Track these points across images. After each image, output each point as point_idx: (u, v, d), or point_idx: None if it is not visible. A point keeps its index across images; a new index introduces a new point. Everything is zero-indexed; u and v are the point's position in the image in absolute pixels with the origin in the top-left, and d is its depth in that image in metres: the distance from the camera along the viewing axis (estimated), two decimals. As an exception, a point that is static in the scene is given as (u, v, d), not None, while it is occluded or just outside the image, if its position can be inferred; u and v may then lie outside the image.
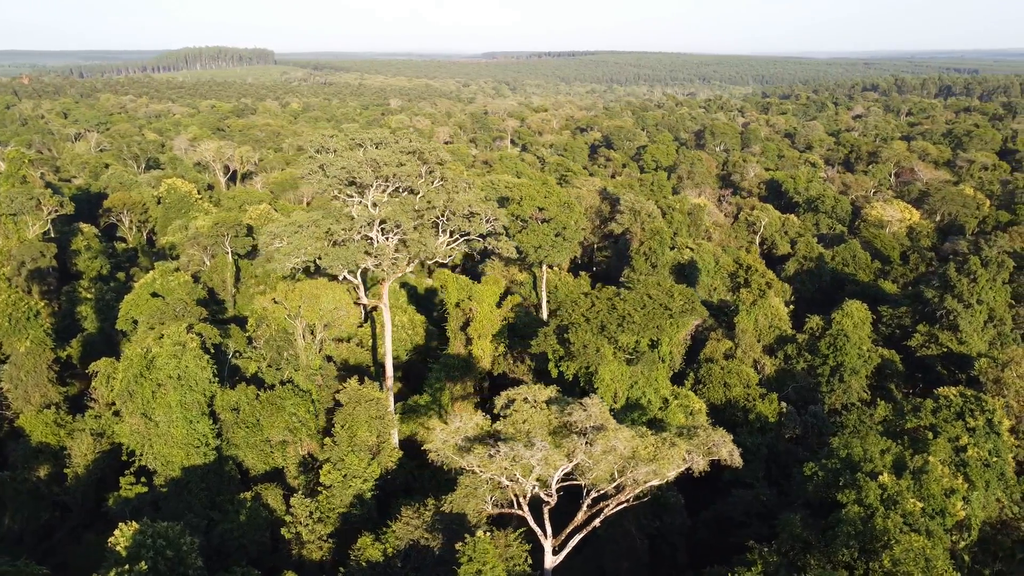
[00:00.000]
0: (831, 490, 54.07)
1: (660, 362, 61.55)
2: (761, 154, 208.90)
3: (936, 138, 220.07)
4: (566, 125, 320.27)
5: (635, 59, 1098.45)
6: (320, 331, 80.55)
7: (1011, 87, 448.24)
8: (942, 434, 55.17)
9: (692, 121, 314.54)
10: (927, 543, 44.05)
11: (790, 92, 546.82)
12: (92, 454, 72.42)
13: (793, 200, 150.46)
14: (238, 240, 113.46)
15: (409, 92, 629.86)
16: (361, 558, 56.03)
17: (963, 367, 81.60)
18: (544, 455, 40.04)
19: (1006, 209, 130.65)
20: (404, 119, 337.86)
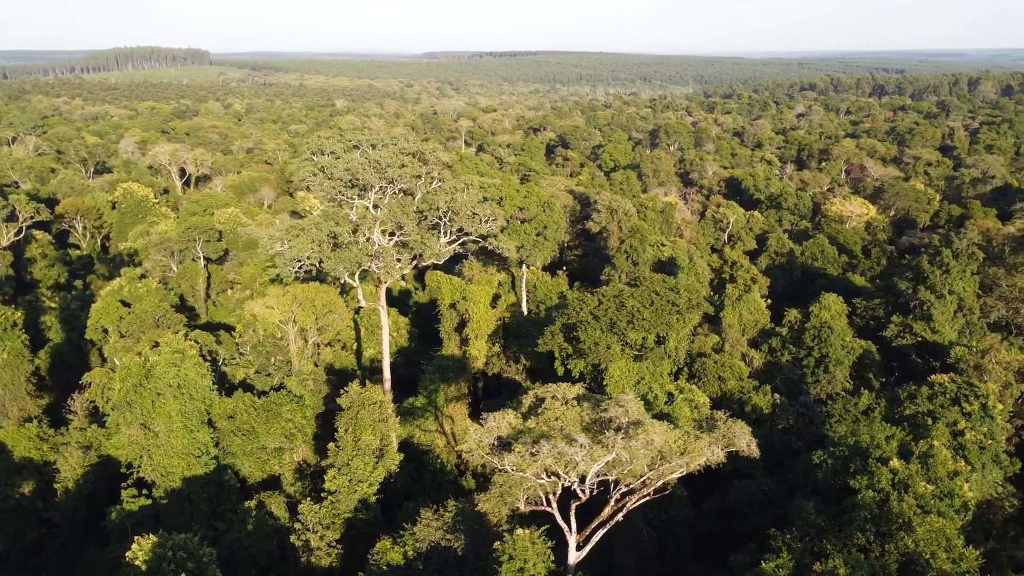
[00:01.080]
0: (840, 477, 56.02)
1: (666, 358, 62.74)
2: (715, 152, 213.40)
3: (880, 136, 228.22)
4: (518, 125, 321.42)
5: (577, 59, 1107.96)
6: (313, 335, 79.55)
7: (940, 86, 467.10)
8: (940, 419, 57.62)
9: (643, 120, 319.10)
10: (946, 524, 46.07)
11: (731, 92, 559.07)
12: (81, 468, 70.19)
13: (754, 197, 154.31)
14: (210, 245, 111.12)
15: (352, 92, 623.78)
16: (381, 562, 55.70)
17: (937, 355, 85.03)
18: (589, 451, 40.58)
19: (957, 203, 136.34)
20: (354, 120, 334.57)
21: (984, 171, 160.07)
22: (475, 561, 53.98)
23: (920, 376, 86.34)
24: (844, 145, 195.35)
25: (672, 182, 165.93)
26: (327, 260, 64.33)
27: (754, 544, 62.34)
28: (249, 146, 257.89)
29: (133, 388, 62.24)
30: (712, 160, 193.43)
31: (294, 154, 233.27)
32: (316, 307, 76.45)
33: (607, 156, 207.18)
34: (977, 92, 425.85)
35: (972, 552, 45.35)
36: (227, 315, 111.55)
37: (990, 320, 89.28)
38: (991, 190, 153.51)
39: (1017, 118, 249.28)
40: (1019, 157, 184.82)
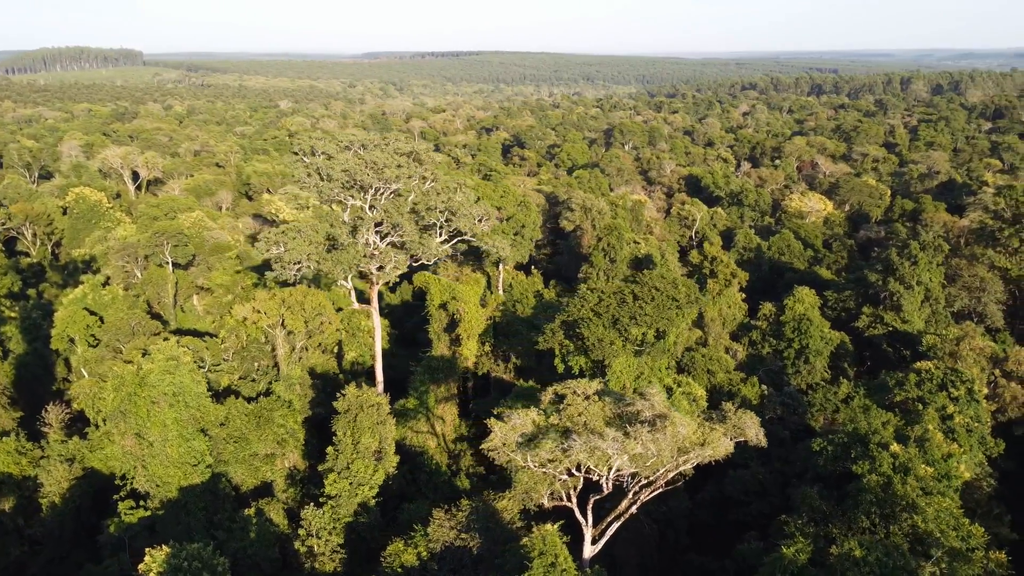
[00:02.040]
0: (840, 463, 57.95)
1: (666, 352, 63.93)
2: (670, 151, 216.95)
3: (827, 133, 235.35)
4: (470, 125, 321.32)
5: (519, 59, 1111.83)
6: (301, 339, 78.51)
7: (875, 85, 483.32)
8: (930, 404, 60.08)
9: (594, 120, 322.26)
10: (952, 503, 48.18)
11: (675, 91, 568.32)
12: (67, 481, 68.04)
13: (714, 194, 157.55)
14: (179, 249, 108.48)
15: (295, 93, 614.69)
16: (394, 564, 55.43)
17: (907, 344, 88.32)
18: (622, 444, 41.23)
19: (909, 198, 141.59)
20: (303, 121, 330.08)
21: (930, 167, 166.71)
22: (491, 559, 54.17)
23: (892, 365, 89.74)
24: (796, 143, 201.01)
25: (636, 180, 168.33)
26: (325, 262, 63.70)
27: (755, 531, 64.20)
28: (196, 148, 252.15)
29: (127, 397, 60.55)
30: (668, 158, 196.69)
31: (246, 156, 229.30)
32: (306, 310, 75.43)
33: (565, 155, 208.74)
34: (910, 91, 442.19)
35: (979, 529, 47.58)
36: (197, 321, 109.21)
37: (954, 309, 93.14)
38: (937, 185, 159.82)
39: (952, 116, 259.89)
40: (959, 153, 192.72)
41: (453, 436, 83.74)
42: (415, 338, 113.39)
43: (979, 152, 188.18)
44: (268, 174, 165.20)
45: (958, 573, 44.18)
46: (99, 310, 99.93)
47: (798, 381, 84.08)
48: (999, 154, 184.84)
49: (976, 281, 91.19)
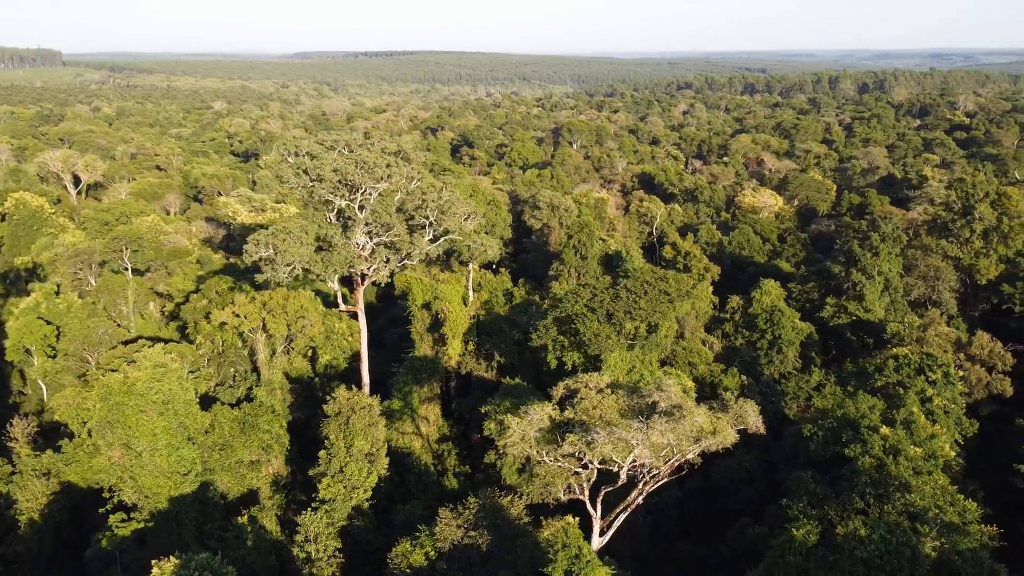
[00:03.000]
0: (830, 447, 60.08)
1: (658, 346, 65.15)
2: (619, 149, 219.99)
3: (768, 131, 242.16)
4: (414, 125, 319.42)
5: (455, 59, 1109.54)
6: (281, 342, 77.15)
7: (805, 85, 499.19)
8: (911, 388, 62.78)
9: (538, 119, 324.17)
10: (945, 480, 50.56)
11: (613, 91, 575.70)
12: (44, 497, 65.54)
13: (668, 191, 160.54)
14: (138, 255, 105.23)
15: (226, 94, 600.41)
16: (402, 565, 55.13)
17: (870, 333, 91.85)
18: (645, 435, 42.03)
19: (856, 192, 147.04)
20: (243, 123, 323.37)
21: (871, 163, 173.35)
22: (501, 556, 54.36)
23: (855, 353, 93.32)
24: (741, 140, 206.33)
25: (593, 178, 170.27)
26: (315, 264, 62.88)
27: (747, 517, 66.00)
28: (132, 151, 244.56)
29: (115, 407, 58.60)
30: (618, 156, 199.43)
31: (187, 159, 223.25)
32: (288, 313, 74.20)
33: (516, 154, 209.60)
34: (838, 90, 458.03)
35: (972, 504, 50.01)
36: (159, 329, 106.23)
37: (911, 298, 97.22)
38: (878, 180, 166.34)
39: (884, 114, 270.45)
40: (894, 149, 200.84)
41: (436, 436, 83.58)
42: (383, 340, 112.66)
43: (913, 148, 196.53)
44: (219, 176, 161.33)
45: (959, 545, 46.44)
46: (54, 319, 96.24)
47: (771, 371, 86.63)
48: (932, 149, 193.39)
49: (931, 270, 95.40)
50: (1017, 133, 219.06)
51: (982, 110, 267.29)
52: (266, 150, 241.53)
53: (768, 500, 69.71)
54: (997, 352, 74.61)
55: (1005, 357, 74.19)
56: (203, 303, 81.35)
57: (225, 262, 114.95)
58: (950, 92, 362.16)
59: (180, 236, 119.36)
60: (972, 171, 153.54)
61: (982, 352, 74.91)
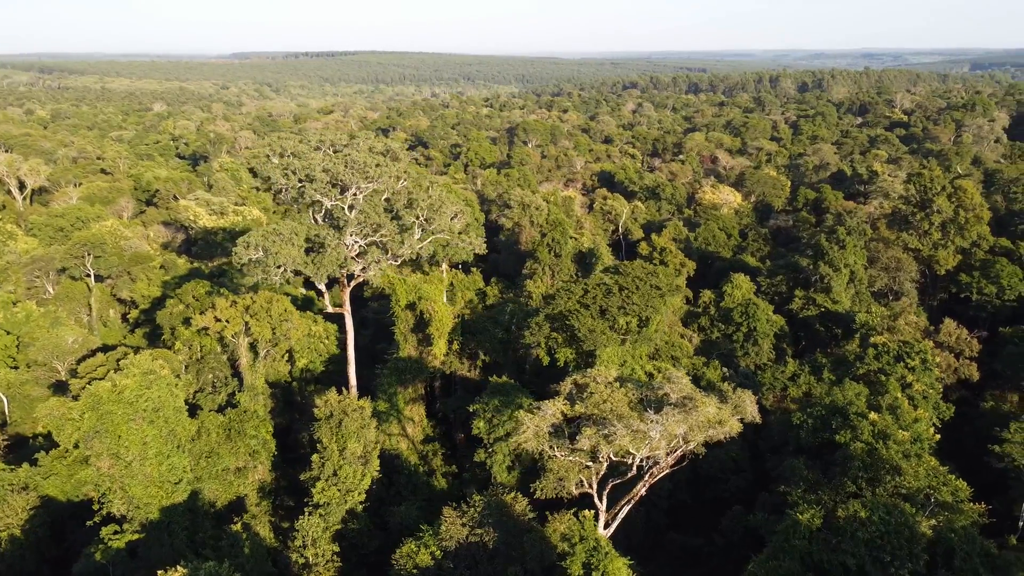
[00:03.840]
0: (819, 434, 61.89)
1: (650, 340, 66.14)
2: (574, 148, 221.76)
3: (719, 129, 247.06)
4: (364, 126, 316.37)
5: (398, 59, 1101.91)
6: (265, 347, 75.88)
7: (747, 84, 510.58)
8: (891, 375, 65.08)
9: (489, 119, 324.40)
10: (936, 462, 52.63)
11: (560, 90, 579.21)
12: (24, 512, 63.38)
13: (628, 189, 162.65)
14: (101, 261, 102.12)
15: (164, 96, 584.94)
16: (408, 565, 54.87)
17: (838, 323, 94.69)
18: (663, 427, 42.78)
19: (811, 188, 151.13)
20: (187, 124, 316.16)
21: (822, 159, 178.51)
22: (508, 552, 54.59)
23: (824, 343, 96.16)
24: (695, 138, 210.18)
25: (556, 177, 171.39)
26: (306, 265, 62.11)
27: (739, 506, 67.47)
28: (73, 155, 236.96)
29: (104, 415, 56.91)
30: (575, 155, 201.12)
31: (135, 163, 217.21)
32: (272, 317, 73.04)
33: (472, 154, 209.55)
34: (779, 89, 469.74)
35: (963, 484, 52.18)
36: (125, 336, 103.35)
37: (874, 289, 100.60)
38: (830, 176, 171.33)
39: (827, 111, 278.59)
40: (841, 146, 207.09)
41: (421, 437, 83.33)
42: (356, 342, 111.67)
43: (859, 145, 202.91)
44: (173, 180, 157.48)
45: (956, 523, 48.45)
46: (13, 329, 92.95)
47: (747, 362, 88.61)
48: (877, 146, 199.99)
49: (893, 262, 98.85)
50: (953, 129, 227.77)
51: (919, 108, 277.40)
52: (216, 152, 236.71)
53: (756, 489, 71.64)
54: (964, 338, 77.86)
55: (972, 343, 77.45)
56: (179, 308, 79.48)
57: (190, 266, 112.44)
58: (886, 91, 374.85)
59: (140, 241, 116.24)
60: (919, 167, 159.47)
61: (950, 339, 78.04)
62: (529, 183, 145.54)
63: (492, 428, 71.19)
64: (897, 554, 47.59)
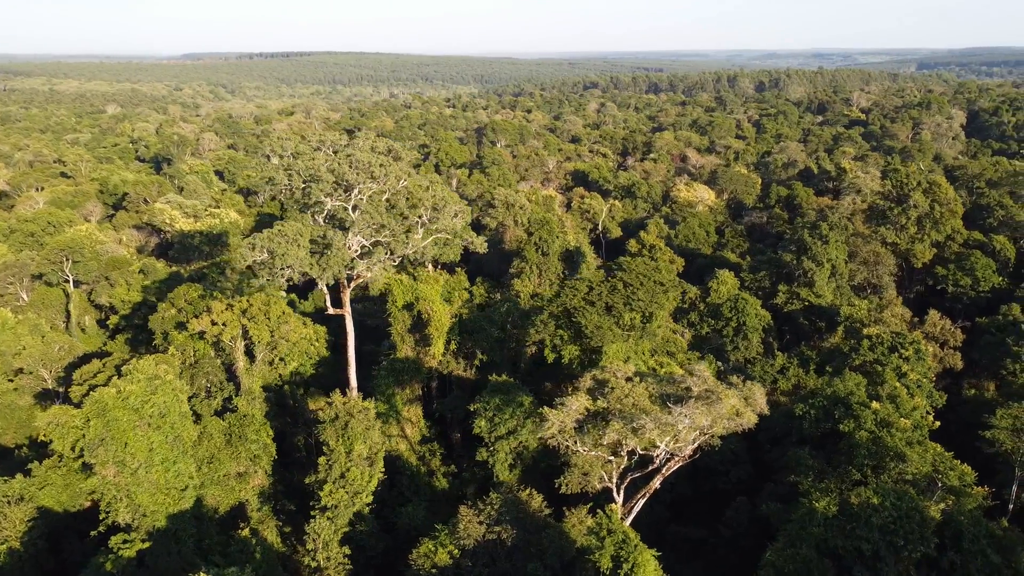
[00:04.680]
0: (822, 424, 63.33)
1: (653, 335, 66.95)
2: (544, 147, 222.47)
3: (685, 128, 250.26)
4: (329, 127, 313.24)
5: (355, 59, 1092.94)
6: (262, 350, 74.89)
7: (706, 84, 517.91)
8: (887, 365, 66.87)
9: (454, 119, 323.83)
10: (941, 448, 54.31)
11: (521, 90, 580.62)
12: (23, 524, 61.68)
13: (603, 188, 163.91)
14: (80, 266, 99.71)
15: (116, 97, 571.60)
16: (426, 565, 54.83)
17: (821, 316, 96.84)
18: (691, 419, 43.47)
19: (783, 185, 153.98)
20: (147, 126, 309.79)
21: (790, 157, 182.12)
22: (526, 548, 54.85)
23: (808, 336, 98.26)
24: (665, 137, 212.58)
25: (532, 176, 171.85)
26: (313, 267, 61.55)
27: (743, 497, 68.65)
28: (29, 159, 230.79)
29: (112, 422, 55.69)
30: (547, 155, 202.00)
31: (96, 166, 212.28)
32: (271, 319, 72.20)
33: (443, 155, 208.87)
34: (737, 88, 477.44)
35: (967, 468, 53.93)
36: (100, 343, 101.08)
37: (854, 283, 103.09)
38: (798, 173, 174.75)
39: (789, 110, 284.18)
40: (807, 144, 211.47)
41: (418, 438, 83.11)
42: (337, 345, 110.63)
43: (824, 143, 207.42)
44: (143, 183, 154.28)
45: (965, 506, 50.08)
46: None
47: (737, 356, 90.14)
48: (840, 143, 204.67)
49: (872, 256, 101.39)
50: (911, 127, 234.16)
51: (876, 106, 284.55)
52: (180, 155, 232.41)
53: (756, 480, 72.95)
54: (948, 329, 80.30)
55: (956, 333, 79.93)
56: (172, 312, 78.03)
57: (169, 270, 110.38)
58: (842, 89, 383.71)
59: (116, 246, 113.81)
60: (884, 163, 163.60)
61: (935, 329, 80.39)
62: (509, 182, 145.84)
63: (493, 427, 71.38)
64: (909, 538, 48.99)
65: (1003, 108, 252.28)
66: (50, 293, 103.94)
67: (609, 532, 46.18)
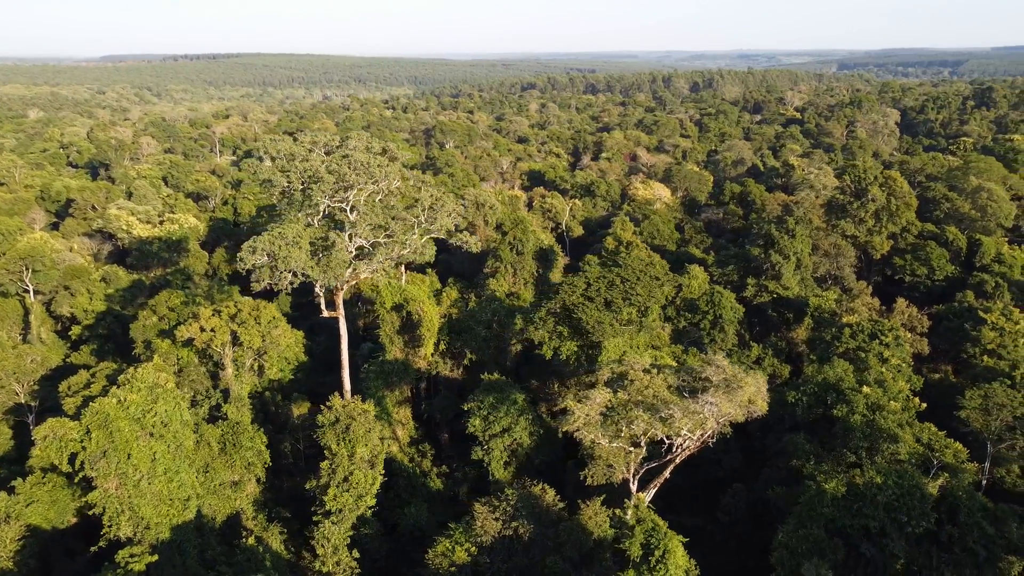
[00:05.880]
0: (814, 410, 65.72)
1: (651, 329, 68.30)
2: (493, 148, 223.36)
3: (631, 127, 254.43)
4: (270, 129, 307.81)
5: (285, 61, 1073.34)
6: (250, 356, 73.48)
7: (642, 84, 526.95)
8: (870, 351, 69.82)
9: (396, 120, 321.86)
10: (934, 428, 57.12)
11: (459, 91, 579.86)
12: (13, 544, 59.23)
13: (560, 187, 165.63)
14: (40, 275, 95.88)
15: (36, 101, 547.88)
16: (443, 564, 54.85)
17: (789, 308, 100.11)
18: (718, 408, 44.79)
19: (736, 182, 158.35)
20: (78, 131, 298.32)
21: (738, 155, 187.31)
22: (543, 542, 55.43)
23: (777, 327, 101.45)
24: (615, 137, 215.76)
25: (491, 177, 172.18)
26: (314, 269, 60.87)
27: (739, 484, 70.62)
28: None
29: (114, 433, 54.00)
30: (498, 156, 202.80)
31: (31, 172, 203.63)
32: (262, 324, 70.93)
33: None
34: (673, 88, 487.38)
35: (959, 445, 56.85)
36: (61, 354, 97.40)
37: (817, 275, 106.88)
38: (746, 170, 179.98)
39: (728, 110, 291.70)
40: (751, 142, 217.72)
41: (408, 440, 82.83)
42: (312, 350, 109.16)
43: (767, 141, 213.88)
44: (91, 189, 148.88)
45: (963, 481, 52.86)
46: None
47: (713, 349, 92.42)
48: (783, 141, 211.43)
49: (834, 249, 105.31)
50: (845, 125, 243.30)
51: (811, 105, 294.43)
52: (118, 159, 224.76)
53: (747, 467, 75.14)
54: (915, 315, 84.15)
55: (923, 320, 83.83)
56: (153, 320, 75.83)
57: (132, 278, 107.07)
58: (774, 89, 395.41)
59: (73, 254, 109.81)
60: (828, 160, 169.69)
61: (903, 316, 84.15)
62: (473, 182, 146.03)
63: (488, 425, 71.83)
64: (912, 514, 51.53)
65: (929, 106, 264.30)
66: (5, 304, 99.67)
67: (638, 520, 47.16)
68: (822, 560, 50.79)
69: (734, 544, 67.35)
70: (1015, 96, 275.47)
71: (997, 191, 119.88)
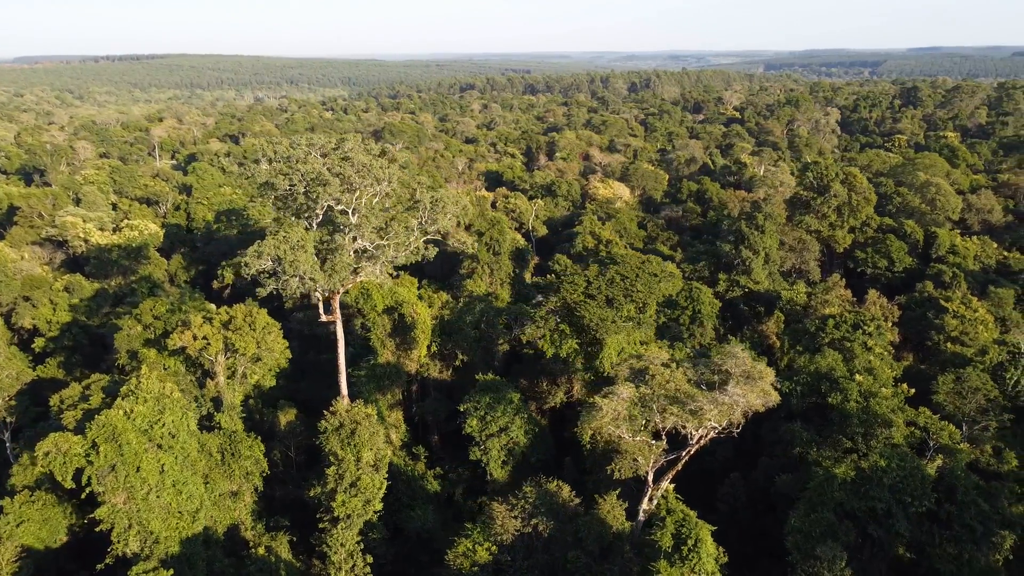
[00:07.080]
0: (807, 399, 67.97)
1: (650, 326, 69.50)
2: (445, 149, 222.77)
3: (580, 127, 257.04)
4: (210, 133, 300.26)
5: (213, 62, 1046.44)
6: (243, 363, 71.94)
7: (581, 84, 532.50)
8: (855, 341, 72.61)
9: (339, 122, 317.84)
10: (928, 411, 59.84)
11: (397, 92, 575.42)
12: (10, 565, 56.80)
13: (519, 187, 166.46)
14: (2, 285, 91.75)
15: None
16: (466, 564, 54.89)
17: (760, 302, 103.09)
18: (745, 399, 46.12)
19: (693, 180, 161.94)
20: (3, 135, 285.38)
21: (691, 154, 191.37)
22: (563, 538, 55.96)
23: (749, 320, 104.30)
24: (567, 137, 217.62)
25: (454, 177, 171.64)
26: (317, 273, 60.01)
27: (736, 473, 72.46)
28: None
29: (123, 446, 52.30)
30: (452, 156, 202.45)
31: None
32: (256, 330, 69.54)
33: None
34: (611, 88, 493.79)
35: (952, 427, 59.69)
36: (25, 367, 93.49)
37: (783, 269, 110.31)
38: (699, 168, 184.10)
39: (671, 110, 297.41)
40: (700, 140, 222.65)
41: (399, 443, 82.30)
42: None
43: (715, 139, 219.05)
44: (36, 196, 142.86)
45: (960, 461, 55.59)
46: None
47: (693, 343, 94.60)
48: (730, 139, 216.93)
49: (799, 243, 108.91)
50: (784, 124, 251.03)
51: (750, 105, 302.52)
52: (55, 165, 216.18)
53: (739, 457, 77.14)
54: (886, 306, 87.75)
55: (893, 310, 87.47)
56: (138, 330, 73.44)
57: (95, 287, 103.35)
58: (711, 89, 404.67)
59: (31, 263, 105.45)
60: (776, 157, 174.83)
61: (874, 307, 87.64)
62: (437, 183, 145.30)
63: (485, 425, 72.13)
64: (915, 495, 54.00)
65: (861, 105, 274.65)
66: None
67: (668, 511, 48.21)
68: (835, 542, 52.82)
69: (735, 531, 69.12)
70: (939, 96, 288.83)
71: (943, 185, 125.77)
